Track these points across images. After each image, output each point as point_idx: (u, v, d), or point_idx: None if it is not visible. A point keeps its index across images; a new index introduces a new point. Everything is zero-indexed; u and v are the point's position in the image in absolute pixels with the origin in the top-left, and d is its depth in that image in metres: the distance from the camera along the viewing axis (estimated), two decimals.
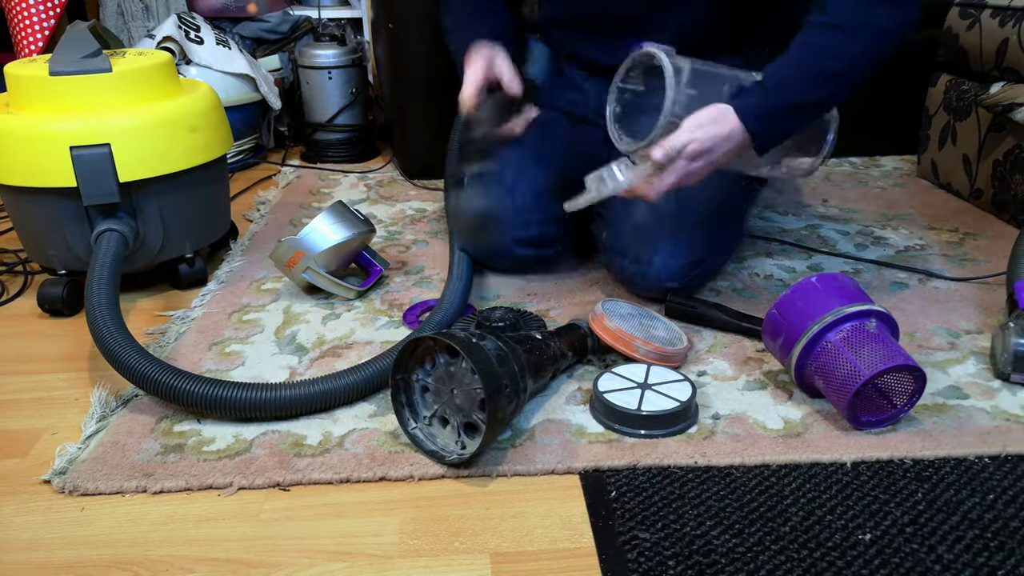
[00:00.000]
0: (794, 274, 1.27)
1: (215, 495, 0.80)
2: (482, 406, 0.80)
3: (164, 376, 0.88)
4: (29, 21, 1.82)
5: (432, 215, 1.58)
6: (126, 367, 0.90)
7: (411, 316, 1.14)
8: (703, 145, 0.96)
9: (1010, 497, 0.77)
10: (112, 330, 0.93)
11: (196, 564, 0.71)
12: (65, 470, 0.82)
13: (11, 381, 1.02)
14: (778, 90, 0.99)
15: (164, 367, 0.89)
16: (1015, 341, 0.93)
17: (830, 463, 0.82)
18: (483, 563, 0.71)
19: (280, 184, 1.78)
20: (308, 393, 0.89)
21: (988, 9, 1.44)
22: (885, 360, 0.83)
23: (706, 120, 0.97)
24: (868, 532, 0.73)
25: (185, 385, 0.87)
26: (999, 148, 1.44)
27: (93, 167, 1.10)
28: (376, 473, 0.81)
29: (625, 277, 1.17)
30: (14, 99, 1.15)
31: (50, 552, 0.73)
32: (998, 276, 1.22)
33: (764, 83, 1.00)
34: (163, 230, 1.19)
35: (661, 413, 0.86)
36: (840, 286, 0.90)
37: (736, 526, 0.74)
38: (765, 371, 0.99)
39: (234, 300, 1.21)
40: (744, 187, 1.22)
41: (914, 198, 1.61)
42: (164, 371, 0.88)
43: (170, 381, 0.88)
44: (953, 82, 1.58)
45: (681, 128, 0.97)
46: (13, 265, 1.34)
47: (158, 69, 1.19)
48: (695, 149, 0.96)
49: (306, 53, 1.94)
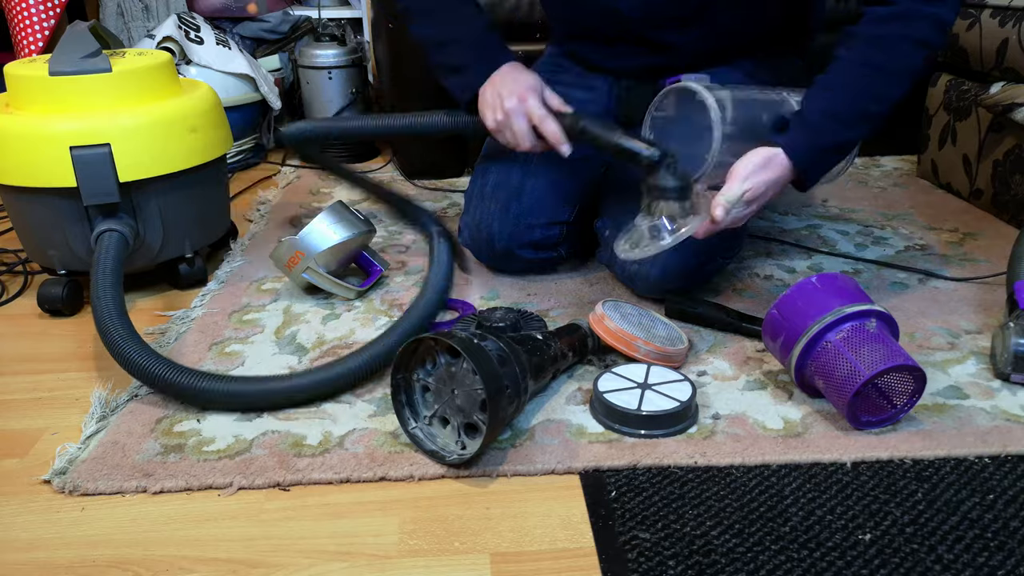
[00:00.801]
0: (794, 274, 1.27)
1: (215, 495, 0.80)
2: (483, 407, 0.80)
3: (172, 375, 0.90)
4: (29, 21, 1.82)
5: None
6: (136, 367, 0.91)
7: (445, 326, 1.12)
8: (756, 192, 0.97)
9: (1010, 497, 0.77)
10: (124, 335, 0.94)
11: (196, 564, 0.71)
12: (65, 470, 0.82)
13: (11, 381, 1.02)
14: (822, 128, 0.99)
15: (173, 366, 0.90)
16: (1015, 341, 0.93)
17: (830, 463, 0.82)
18: (483, 563, 0.71)
19: (280, 184, 1.78)
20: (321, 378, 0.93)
21: (988, 9, 1.44)
22: (885, 360, 0.83)
23: (757, 165, 0.97)
24: (868, 532, 0.73)
25: (201, 384, 0.89)
26: (999, 148, 1.44)
27: (93, 167, 1.10)
28: (376, 473, 0.81)
29: (626, 277, 1.17)
30: (14, 99, 1.15)
31: (50, 552, 0.73)
32: (998, 276, 1.22)
33: (807, 118, 1.00)
34: (163, 230, 1.19)
35: (661, 413, 0.86)
36: (840, 286, 0.90)
37: (736, 526, 0.74)
38: (765, 371, 0.99)
39: (234, 300, 1.21)
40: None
41: (914, 198, 1.61)
42: (172, 369, 0.90)
43: (179, 379, 0.89)
44: (953, 82, 1.58)
45: (733, 177, 0.96)
46: (13, 265, 1.34)
47: (158, 69, 1.19)
48: (750, 197, 0.97)
49: (306, 53, 1.94)
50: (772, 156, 0.97)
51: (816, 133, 0.99)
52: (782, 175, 0.99)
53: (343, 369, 0.93)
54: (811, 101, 1.01)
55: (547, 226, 1.22)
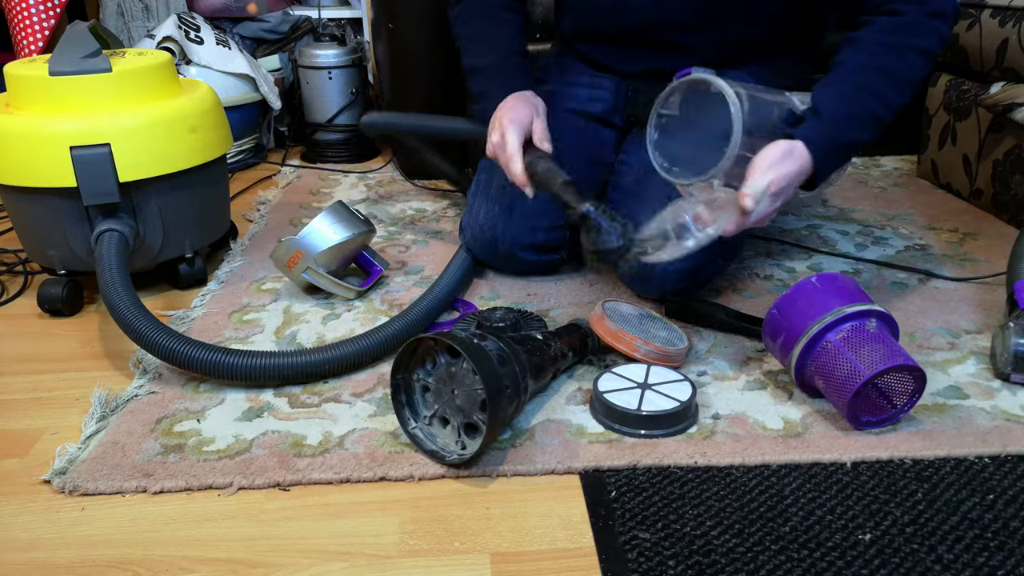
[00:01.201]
0: (794, 274, 1.27)
1: (215, 495, 0.80)
2: (483, 407, 0.80)
3: (189, 349, 0.93)
4: (29, 21, 1.82)
5: (432, 215, 1.58)
6: (175, 354, 0.94)
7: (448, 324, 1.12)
8: (780, 184, 0.94)
9: (1010, 497, 0.77)
10: (153, 325, 0.96)
11: (196, 564, 0.71)
12: (65, 470, 0.82)
13: (11, 381, 1.02)
14: (837, 124, 0.99)
15: (186, 339, 0.94)
16: (1015, 341, 0.93)
17: (830, 463, 0.82)
18: (483, 563, 0.71)
19: (280, 184, 1.78)
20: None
21: (988, 9, 1.44)
22: (885, 360, 0.83)
23: (778, 157, 0.94)
24: (868, 532, 0.73)
25: (250, 362, 0.93)
26: (999, 148, 1.44)
27: (93, 167, 1.10)
28: (376, 473, 0.81)
29: (627, 277, 1.17)
30: (14, 99, 1.15)
31: (50, 552, 0.73)
32: (998, 276, 1.22)
33: (821, 114, 0.99)
34: (163, 230, 1.19)
35: (661, 413, 0.86)
36: (840, 286, 0.90)
37: (736, 526, 0.74)
38: (765, 371, 0.99)
39: (234, 300, 1.21)
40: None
41: (914, 198, 1.61)
42: (189, 344, 0.94)
43: (196, 354, 0.93)
44: (953, 82, 1.58)
45: (755, 169, 0.94)
46: (13, 265, 1.34)
47: (158, 69, 1.19)
48: (775, 190, 0.94)
49: (306, 53, 1.94)
50: (792, 148, 0.96)
51: (832, 128, 0.99)
52: (803, 167, 0.97)
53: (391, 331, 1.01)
54: (823, 99, 1.01)
55: (550, 229, 1.22)
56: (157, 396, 0.95)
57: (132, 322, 0.96)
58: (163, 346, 0.94)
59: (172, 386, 0.97)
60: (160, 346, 0.94)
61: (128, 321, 0.96)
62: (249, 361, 0.94)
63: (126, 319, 0.96)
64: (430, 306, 1.09)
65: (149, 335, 0.94)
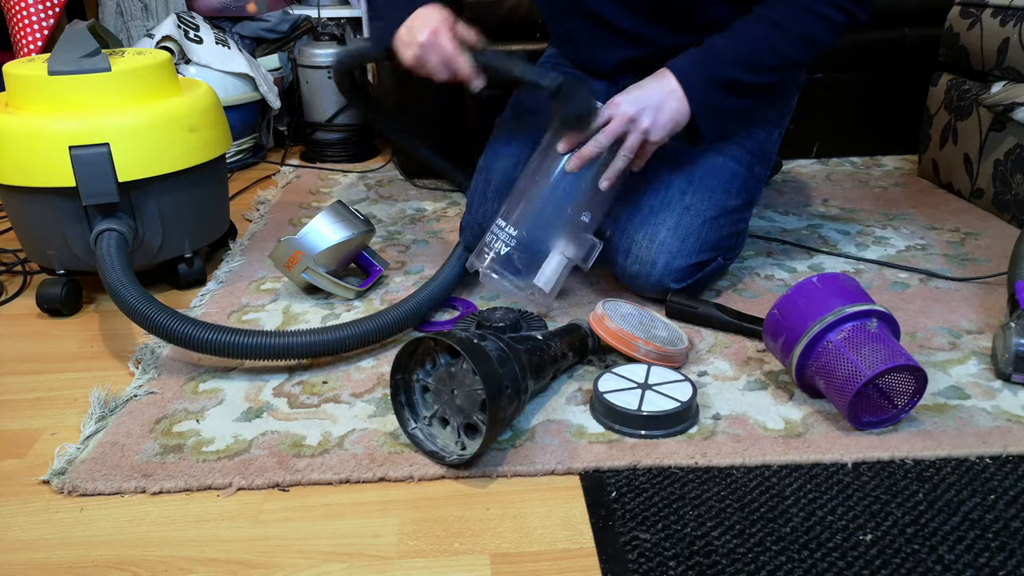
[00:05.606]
0: (794, 274, 1.27)
1: (214, 496, 0.79)
2: (483, 407, 0.80)
3: (242, 338, 0.94)
4: (28, 21, 1.82)
5: (432, 215, 1.57)
6: (198, 341, 0.95)
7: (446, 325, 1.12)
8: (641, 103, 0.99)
9: (1011, 497, 0.77)
10: (170, 314, 0.96)
11: (195, 564, 0.71)
12: (64, 470, 0.82)
13: (11, 381, 1.01)
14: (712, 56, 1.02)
15: (195, 321, 0.95)
16: (1016, 341, 0.93)
17: (831, 463, 0.82)
18: (483, 564, 0.71)
19: (279, 184, 1.78)
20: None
21: (989, 8, 1.44)
22: (886, 360, 0.82)
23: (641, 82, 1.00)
24: (869, 532, 0.73)
25: (276, 341, 0.95)
26: (1000, 148, 1.44)
27: (92, 167, 1.10)
28: (376, 474, 0.81)
29: (627, 277, 1.17)
30: (13, 99, 1.15)
31: (49, 552, 0.73)
32: (999, 276, 1.22)
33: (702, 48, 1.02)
34: (162, 230, 1.19)
35: (662, 413, 0.86)
36: (841, 286, 0.90)
37: (737, 527, 0.74)
38: (766, 371, 0.99)
39: (233, 300, 1.20)
40: (746, 187, 1.22)
41: (915, 198, 1.61)
42: (198, 326, 0.94)
43: (203, 335, 0.94)
44: (954, 81, 1.58)
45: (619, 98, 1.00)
46: (12, 265, 1.34)
47: (157, 68, 1.19)
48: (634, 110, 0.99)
49: (305, 52, 1.94)
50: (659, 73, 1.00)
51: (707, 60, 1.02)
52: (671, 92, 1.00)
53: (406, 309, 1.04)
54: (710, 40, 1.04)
55: None
56: (156, 396, 0.95)
57: (139, 308, 0.96)
58: (174, 330, 0.95)
59: (171, 386, 0.97)
60: (170, 330, 0.95)
61: (134, 307, 0.97)
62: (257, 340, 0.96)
63: (132, 306, 0.97)
64: (434, 292, 1.11)
65: (158, 319, 0.95)
